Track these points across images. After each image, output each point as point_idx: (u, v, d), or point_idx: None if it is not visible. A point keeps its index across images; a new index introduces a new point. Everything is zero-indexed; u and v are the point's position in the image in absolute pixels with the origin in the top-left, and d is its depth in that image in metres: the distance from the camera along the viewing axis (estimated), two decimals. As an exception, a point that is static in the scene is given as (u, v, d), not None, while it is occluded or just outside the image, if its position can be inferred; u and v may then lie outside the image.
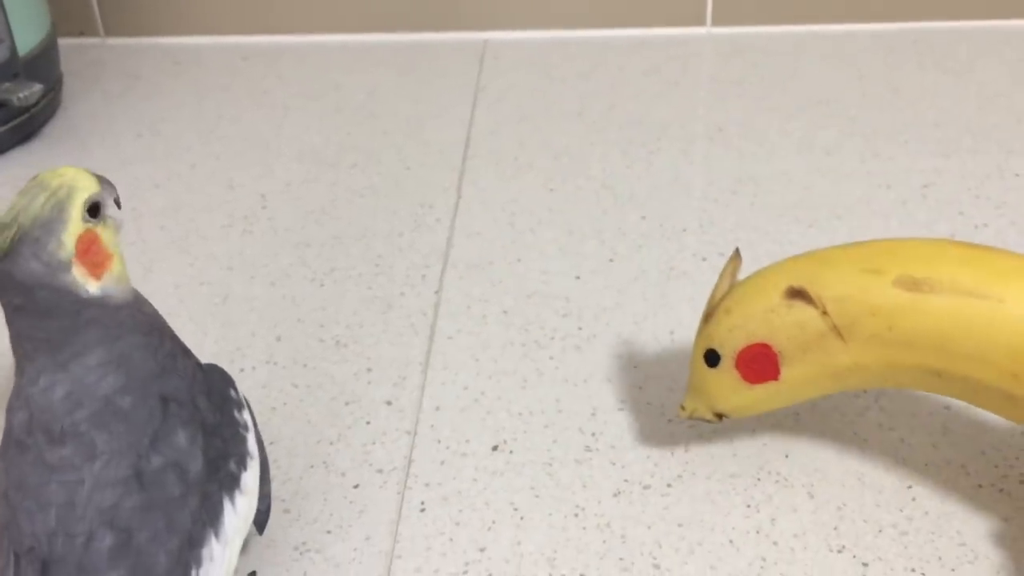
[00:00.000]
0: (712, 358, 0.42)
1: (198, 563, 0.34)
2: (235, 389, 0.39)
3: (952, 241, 0.41)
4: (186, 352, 0.38)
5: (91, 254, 0.34)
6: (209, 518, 0.35)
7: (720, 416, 0.43)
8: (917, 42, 0.77)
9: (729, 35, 0.79)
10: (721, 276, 0.43)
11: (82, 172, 0.35)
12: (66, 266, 0.34)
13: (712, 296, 0.42)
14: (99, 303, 0.35)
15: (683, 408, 0.44)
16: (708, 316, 0.42)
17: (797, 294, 0.40)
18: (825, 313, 0.40)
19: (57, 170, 0.35)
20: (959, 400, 0.42)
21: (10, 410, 0.36)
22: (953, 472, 0.44)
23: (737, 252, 0.43)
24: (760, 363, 0.41)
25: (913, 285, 0.39)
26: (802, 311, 0.40)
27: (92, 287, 0.35)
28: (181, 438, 0.35)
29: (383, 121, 0.71)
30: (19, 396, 0.35)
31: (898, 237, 0.42)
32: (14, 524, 0.34)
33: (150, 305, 0.38)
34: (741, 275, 0.44)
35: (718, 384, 0.42)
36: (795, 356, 0.40)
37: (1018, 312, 0.38)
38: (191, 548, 0.34)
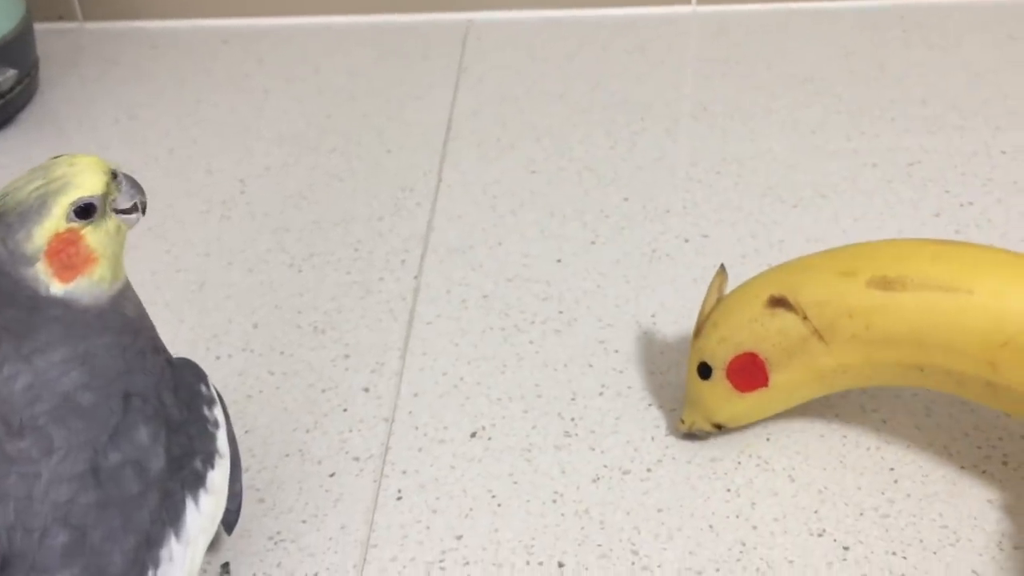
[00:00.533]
0: (704, 371, 0.43)
1: (155, 564, 0.33)
2: (207, 384, 0.38)
3: (929, 240, 0.41)
4: (157, 349, 0.37)
5: (65, 255, 0.33)
6: (170, 517, 0.34)
7: (719, 427, 0.44)
8: (903, 18, 0.76)
9: (714, 14, 0.78)
10: (708, 291, 0.44)
11: (94, 168, 0.34)
12: (29, 260, 0.33)
13: (701, 311, 0.44)
14: (61, 304, 0.34)
15: (682, 422, 0.44)
16: (698, 331, 0.43)
17: (778, 302, 0.41)
18: (806, 318, 0.41)
19: (73, 157, 0.34)
20: (947, 393, 0.42)
21: None
22: (935, 454, 0.44)
23: (722, 268, 0.44)
24: (749, 371, 0.42)
25: (885, 284, 0.40)
26: (784, 318, 0.41)
27: (55, 287, 0.33)
28: (143, 435, 0.34)
29: (364, 104, 0.70)
30: None
31: (883, 239, 0.43)
32: None
33: (134, 305, 0.36)
34: (731, 273, 0.45)
35: (712, 395, 0.43)
36: (781, 362, 0.41)
37: (987, 302, 0.39)
38: (149, 548, 0.33)
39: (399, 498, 0.43)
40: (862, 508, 0.41)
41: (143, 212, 0.36)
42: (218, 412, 0.38)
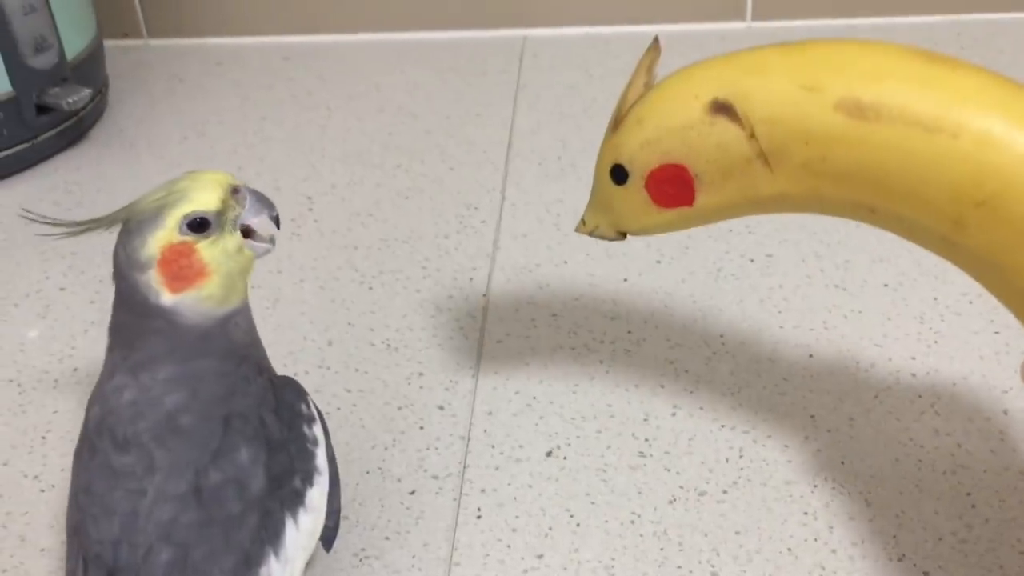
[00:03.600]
0: (619, 174, 0.37)
1: None
2: (307, 403, 0.39)
3: (910, 50, 0.34)
4: (261, 370, 0.38)
5: (175, 266, 0.35)
6: (269, 536, 0.35)
7: (623, 235, 0.39)
8: (960, 34, 0.76)
9: (769, 29, 0.79)
10: (635, 73, 0.37)
11: (211, 185, 0.35)
12: (142, 266, 0.35)
13: (622, 99, 0.37)
14: (167, 315, 0.35)
15: (583, 223, 0.40)
16: (617, 123, 0.37)
17: (722, 109, 0.34)
18: (752, 136, 0.34)
19: (197, 173, 0.36)
20: (891, 233, 0.35)
21: (90, 402, 0.37)
22: (1012, 478, 0.44)
23: (656, 42, 0.37)
24: (674, 186, 0.36)
25: (857, 110, 0.33)
26: (726, 131, 0.34)
27: (165, 297, 0.35)
28: (243, 455, 0.35)
29: (424, 121, 0.71)
30: (99, 388, 0.36)
31: (860, 40, 0.35)
32: (83, 528, 0.35)
33: (244, 331, 0.37)
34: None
35: (625, 203, 0.37)
36: (713, 182, 0.35)
37: (971, 151, 0.31)
38: (248, 567, 0.34)
39: (479, 516, 0.44)
40: (940, 533, 0.42)
41: (277, 226, 0.38)
42: (317, 430, 0.39)
